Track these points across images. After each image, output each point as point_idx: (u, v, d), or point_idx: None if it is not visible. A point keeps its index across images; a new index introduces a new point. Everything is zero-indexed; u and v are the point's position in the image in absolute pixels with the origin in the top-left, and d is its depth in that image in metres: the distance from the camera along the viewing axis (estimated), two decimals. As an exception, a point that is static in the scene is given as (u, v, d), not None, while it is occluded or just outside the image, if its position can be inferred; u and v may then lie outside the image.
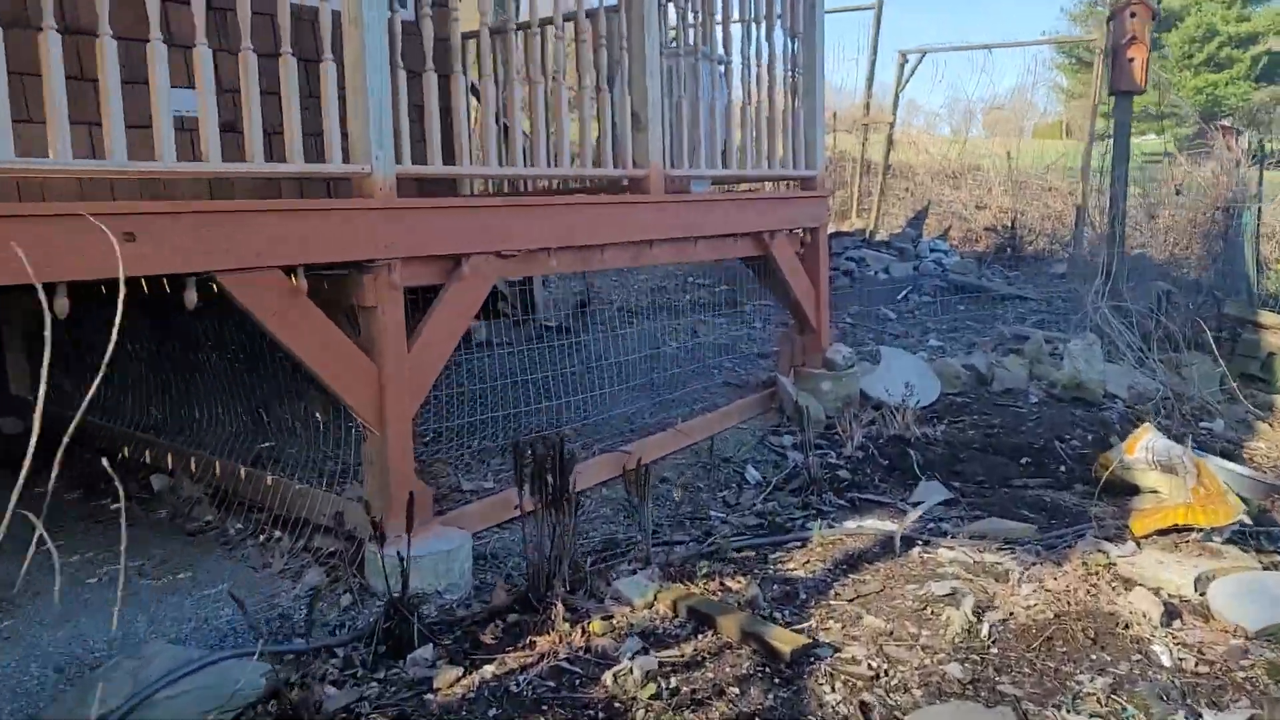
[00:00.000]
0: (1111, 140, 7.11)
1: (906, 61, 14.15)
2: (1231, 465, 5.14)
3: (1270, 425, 6.59)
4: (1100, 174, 7.27)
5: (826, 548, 4.13)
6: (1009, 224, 14.13)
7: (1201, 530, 4.12)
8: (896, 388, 5.94)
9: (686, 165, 5.06)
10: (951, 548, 4.12)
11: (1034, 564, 3.99)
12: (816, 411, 5.80)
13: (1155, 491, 4.61)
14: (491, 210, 3.92)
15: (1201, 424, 6.47)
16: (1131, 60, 6.88)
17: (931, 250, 11.76)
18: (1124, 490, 4.71)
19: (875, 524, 4.40)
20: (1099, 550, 4.09)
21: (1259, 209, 7.93)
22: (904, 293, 10.05)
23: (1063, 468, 5.11)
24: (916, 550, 4.07)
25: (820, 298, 6.14)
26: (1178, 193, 8.44)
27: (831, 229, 15.02)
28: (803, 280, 6.03)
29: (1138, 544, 4.13)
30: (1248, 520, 4.10)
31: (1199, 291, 9.00)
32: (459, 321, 3.83)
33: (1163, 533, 4.18)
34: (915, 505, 4.64)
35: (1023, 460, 5.24)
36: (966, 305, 9.68)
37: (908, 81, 14.00)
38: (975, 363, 6.45)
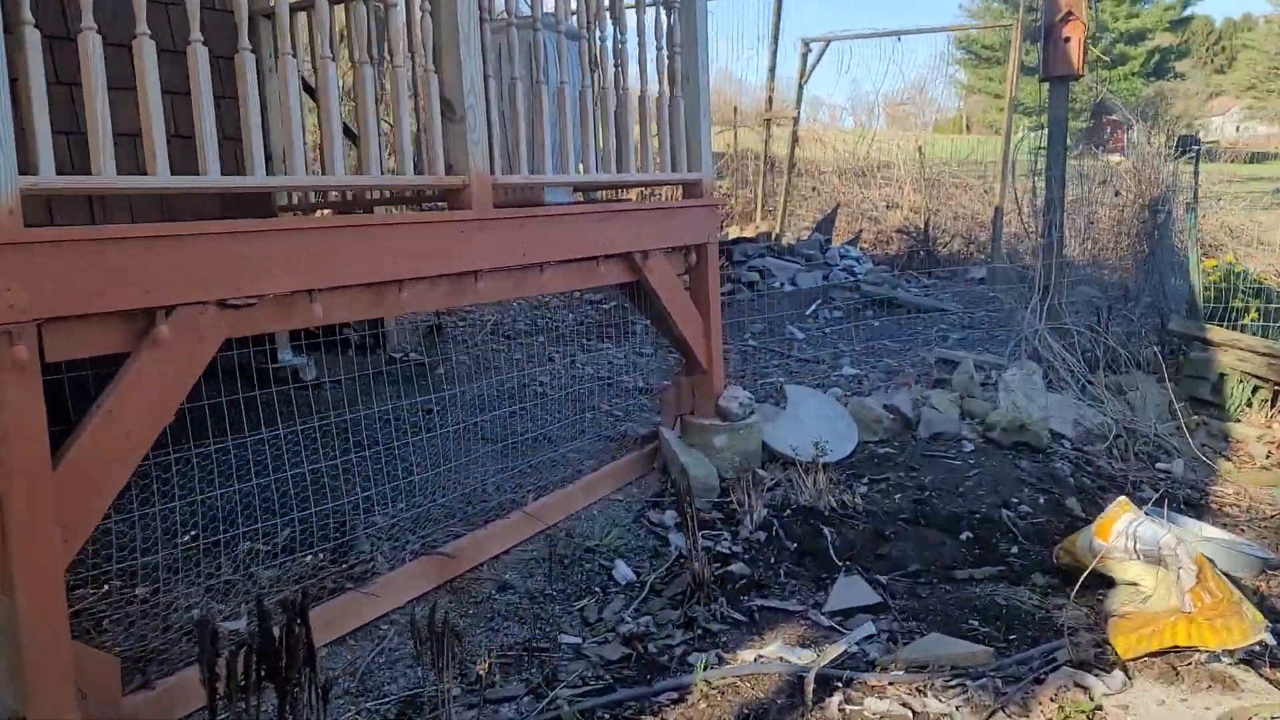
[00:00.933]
0: (1045, 134, 6.23)
1: (810, 51, 13.26)
2: (1217, 533, 4.23)
3: (1233, 463, 5.77)
4: (1031, 174, 6.37)
5: (713, 699, 3.02)
6: (922, 225, 13.37)
7: (1208, 650, 3.14)
8: (806, 440, 4.90)
9: (525, 170, 3.90)
10: (882, 690, 3.07)
11: (993, 711, 2.96)
12: (707, 475, 4.71)
13: (1135, 585, 3.64)
14: (211, 240, 2.69)
15: (1159, 465, 5.62)
16: (1067, 40, 6.01)
17: (842, 257, 10.86)
18: (1094, 581, 3.72)
19: (781, 652, 3.31)
20: (1078, 685, 3.09)
21: (1192, 209, 7.16)
22: (813, 307, 9.08)
23: (1014, 548, 4.12)
24: (836, 700, 3.00)
25: (711, 330, 5.05)
26: (1117, 194, 7.65)
27: (734, 234, 14.07)
28: (688, 310, 4.93)
29: (1126, 673, 3.14)
30: (1270, 639, 3.13)
31: (1127, 299, 8.24)
32: (157, 411, 2.59)
33: (1156, 653, 3.20)
34: (833, 616, 3.58)
35: (964, 536, 4.23)
36: (882, 320, 8.75)
37: (811, 72, 13.12)
38: (898, 403, 5.46)
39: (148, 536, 3.42)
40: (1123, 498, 3.78)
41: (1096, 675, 3.11)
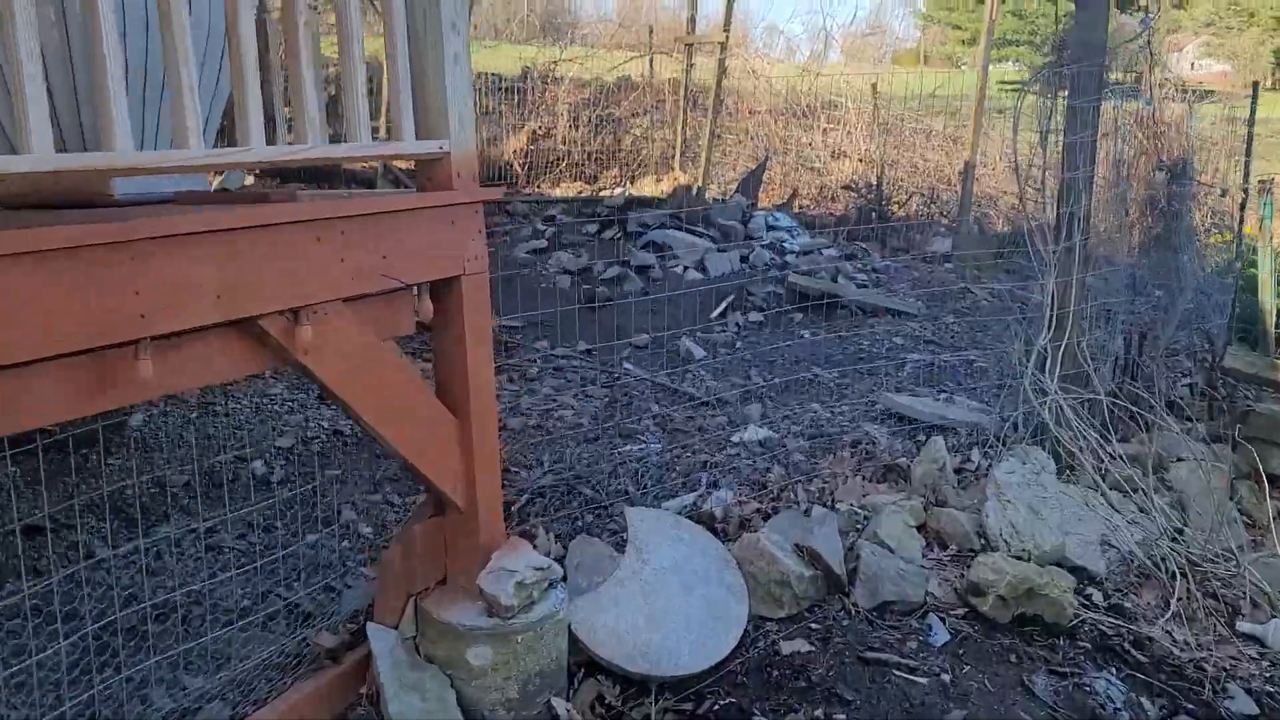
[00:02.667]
0: (1066, 90, 3.93)
1: (740, -42, 10.78)
2: None
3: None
4: (1042, 135, 4.09)
5: None
6: (874, 181, 11.12)
7: None
8: (653, 627, 2.68)
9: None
10: None
11: None
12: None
13: None
14: None
15: (1241, 628, 3.54)
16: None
17: (770, 227, 8.57)
18: None
19: None
20: None
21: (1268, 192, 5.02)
22: (722, 307, 6.81)
23: None
24: None
25: (473, 436, 2.76)
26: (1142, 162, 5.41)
27: (645, 191, 11.71)
28: (418, 407, 2.64)
29: None
30: None
31: (1134, 293, 6.10)
32: None
33: None
34: None
35: None
36: (816, 329, 6.53)
37: (741, -15, 10.65)
38: (820, 543, 3.24)
39: None
40: None
41: None
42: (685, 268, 7.34)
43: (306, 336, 2.26)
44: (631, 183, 12.45)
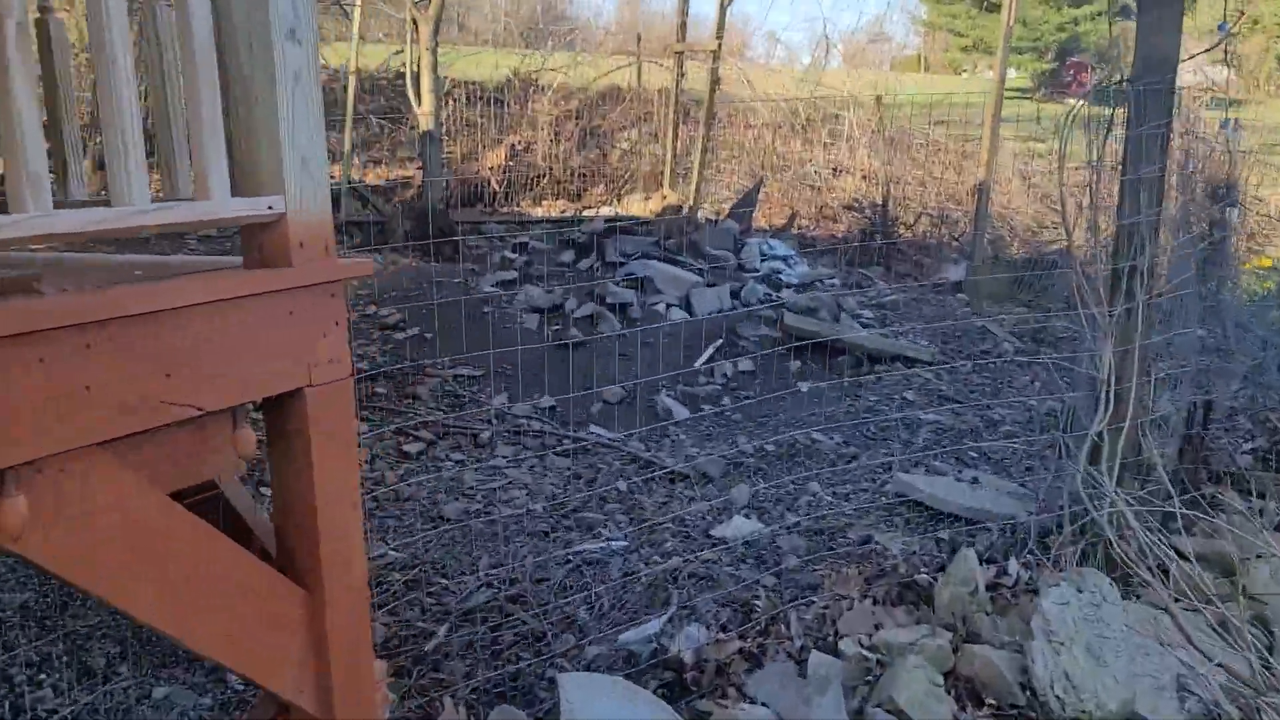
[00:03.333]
0: (1131, 101, 3.10)
1: (734, -40, 10.03)
2: None
3: None
4: (1091, 166, 3.29)
5: None
6: (879, 200, 10.34)
7: None
8: None
9: None
10: None
11: None
12: None
13: None
14: None
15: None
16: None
17: (765, 257, 7.77)
18: None
19: None
20: None
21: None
22: (710, 352, 6.01)
23: None
24: None
25: (328, 615, 1.96)
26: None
27: (633, 210, 10.96)
28: (241, 578, 1.84)
29: None
30: None
31: (1203, 350, 5.29)
32: None
33: None
34: None
35: None
36: (814, 380, 5.73)
37: (735, -11, 9.90)
38: (821, 723, 2.43)
39: None
40: None
41: None
42: (668, 305, 6.54)
43: (16, 513, 1.46)
44: (619, 201, 11.67)
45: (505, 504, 4.27)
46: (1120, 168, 3.34)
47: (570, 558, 3.65)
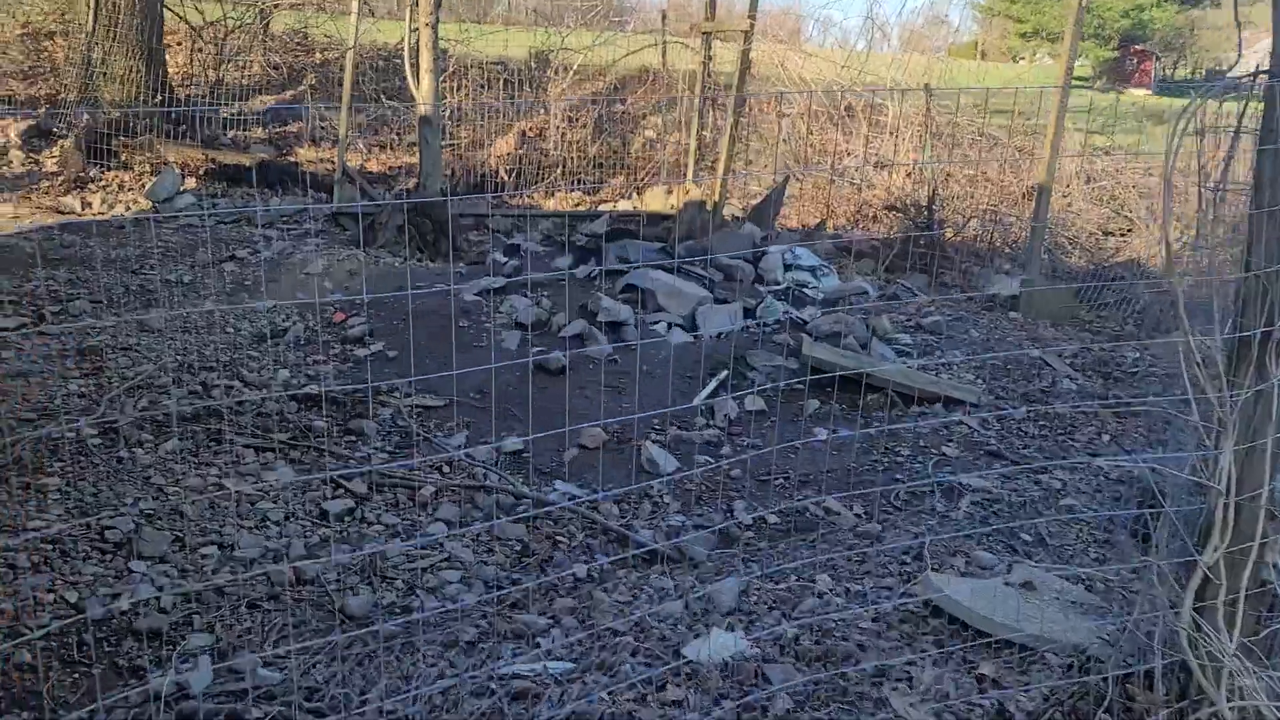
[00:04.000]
0: (1269, 100, 2.23)
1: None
2: None
3: None
4: (1216, 189, 2.39)
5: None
6: (924, 200, 9.35)
7: None
8: None
9: None
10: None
11: None
12: None
13: None
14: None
15: None
16: None
17: (788, 267, 6.84)
18: None
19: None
20: None
21: None
22: (713, 385, 5.12)
23: None
24: None
25: None
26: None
27: (648, 206, 10.08)
28: None
29: None
30: None
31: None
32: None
33: None
34: None
35: None
36: (838, 420, 4.84)
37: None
38: None
39: None
40: None
41: None
42: (670, 325, 5.65)
43: None
44: (638, 194, 10.77)
45: (431, 592, 3.42)
46: (1252, 192, 2.40)
47: (493, 685, 2.80)
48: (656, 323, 5.67)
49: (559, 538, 3.77)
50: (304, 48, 14.34)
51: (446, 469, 4.39)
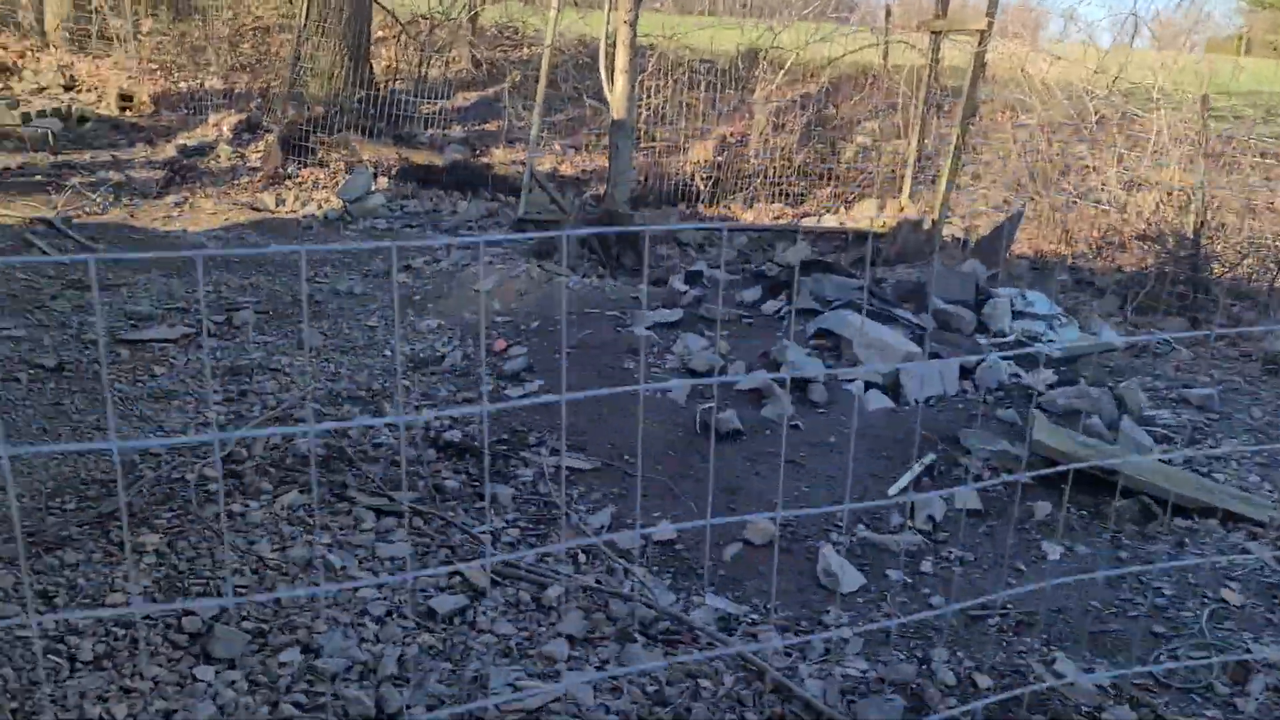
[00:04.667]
0: None
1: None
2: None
3: None
4: None
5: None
6: (1188, 230, 7.93)
7: None
8: None
9: None
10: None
11: None
12: None
13: None
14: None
15: None
16: None
17: (1017, 313, 5.76)
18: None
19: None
20: None
21: None
22: (915, 473, 4.21)
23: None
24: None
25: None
26: None
27: (856, 222, 9.15)
28: None
29: None
30: None
31: None
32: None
33: None
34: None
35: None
36: (1076, 532, 3.85)
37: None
38: None
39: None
40: None
41: None
42: (867, 385, 4.76)
43: None
44: (846, 209, 9.81)
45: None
46: None
47: None
48: (851, 380, 4.80)
49: (700, 680, 3.01)
50: (512, 42, 14.15)
51: (583, 557, 3.72)
